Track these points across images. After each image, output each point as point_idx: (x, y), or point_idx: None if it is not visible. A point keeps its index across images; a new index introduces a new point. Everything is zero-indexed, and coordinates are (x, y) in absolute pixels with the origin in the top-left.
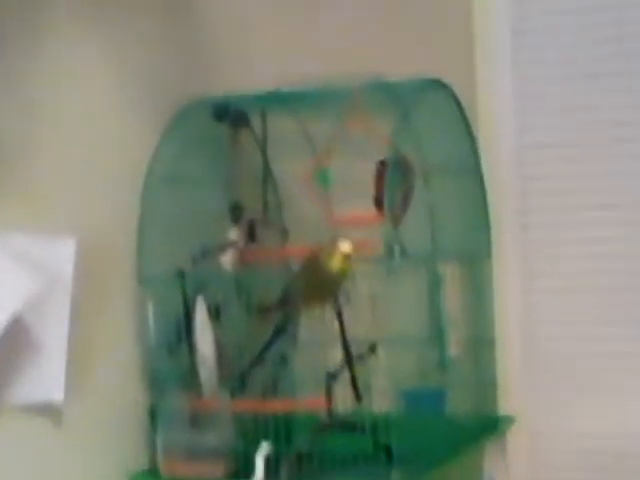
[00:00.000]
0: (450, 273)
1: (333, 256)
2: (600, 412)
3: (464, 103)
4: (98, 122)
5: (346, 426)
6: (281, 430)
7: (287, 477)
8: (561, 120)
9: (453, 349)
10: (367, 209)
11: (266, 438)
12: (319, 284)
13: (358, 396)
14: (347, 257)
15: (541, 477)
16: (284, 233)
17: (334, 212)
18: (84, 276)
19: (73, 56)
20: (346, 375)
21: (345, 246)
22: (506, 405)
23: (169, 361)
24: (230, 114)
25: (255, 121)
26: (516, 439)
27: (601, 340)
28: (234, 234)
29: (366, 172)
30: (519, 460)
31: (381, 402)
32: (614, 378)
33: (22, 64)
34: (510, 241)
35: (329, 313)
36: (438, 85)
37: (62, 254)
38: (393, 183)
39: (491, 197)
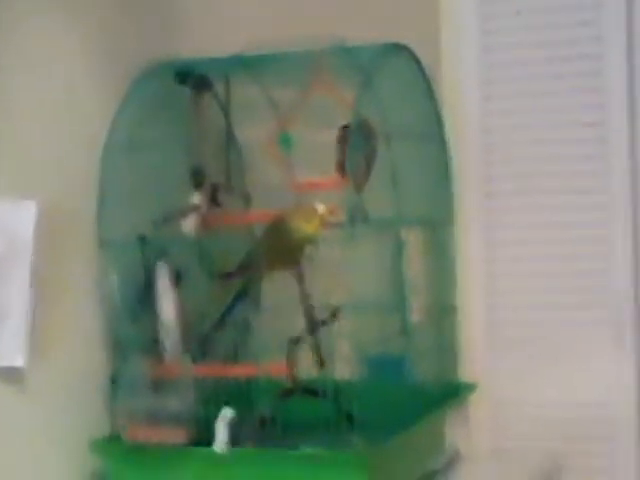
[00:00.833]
0: (413, 239)
1: (310, 218)
2: (562, 380)
3: (428, 68)
4: (57, 84)
5: (308, 392)
6: (243, 395)
7: (249, 442)
8: (527, 87)
9: (415, 315)
10: (330, 175)
11: (228, 403)
12: (285, 248)
13: (321, 362)
14: (322, 219)
15: (503, 445)
16: (246, 198)
17: (297, 177)
18: (45, 240)
19: (29, 19)
20: (309, 341)
21: (321, 208)
22: (468, 372)
23: (131, 326)
24: (192, 77)
25: (218, 85)
26: (478, 407)
27: (563, 309)
28: (196, 199)
29: (329, 137)
30: (481, 427)
31: (343, 368)
32: (576, 346)
33: None
34: (473, 208)
35: (292, 278)
36: (401, 49)
37: (22, 218)
38: (356, 148)
39: (455, 163)
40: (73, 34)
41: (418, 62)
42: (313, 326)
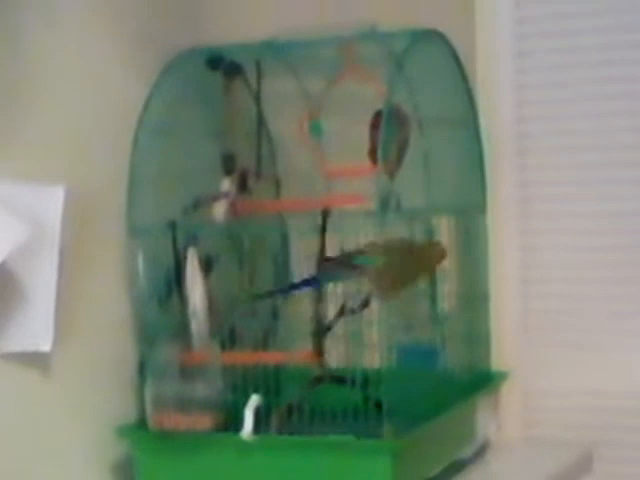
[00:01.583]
0: (445, 227)
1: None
2: (594, 370)
3: (463, 55)
4: (88, 71)
5: (337, 379)
6: (271, 383)
7: (276, 430)
8: (562, 76)
9: (447, 304)
10: (362, 161)
11: (256, 391)
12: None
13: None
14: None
15: (533, 434)
16: (277, 185)
17: (328, 164)
18: (73, 225)
19: (60, 5)
20: (340, 328)
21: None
22: (500, 361)
23: (159, 313)
24: (224, 63)
25: (249, 72)
26: (509, 395)
27: (597, 298)
28: (226, 185)
29: (360, 124)
30: (512, 416)
31: (373, 356)
32: (608, 336)
33: (8, 14)
34: (507, 197)
35: None
36: (434, 35)
37: (50, 202)
38: (388, 134)
39: (489, 152)
40: (104, 18)
41: (452, 48)
42: (343, 314)
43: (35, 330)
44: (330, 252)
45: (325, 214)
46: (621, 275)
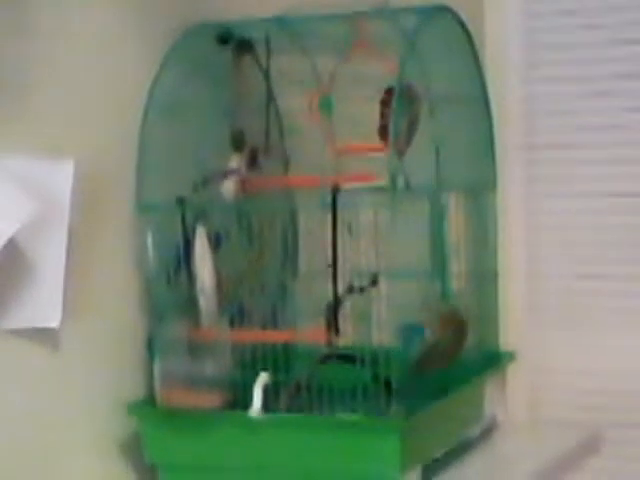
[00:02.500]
0: (454, 205)
1: None
2: (601, 350)
3: (471, 31)
4: (97, 46)
5: (345, 358)
6: (280, 360)
7: (285, 407)
8: (572, 54)
9: (456, 282)
10: (371, 139)
11: (265, 368)
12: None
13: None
14: None
15: (540, 414)
16: (286, 162)
17: (337, 141)
18: (82, 201)
19: None
20: (348, 306)
21: None
22: (508, 341)
23: (168, 289)
24: (233, 39)
25: (259, 48)
26: (517, 375)
27: (604, 278)
28: (235, 162)
29: (370, 101)
30: (519, 396)
31: (382, 335)
32: (616, 316)
33: None
34: (516, 175)
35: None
36: (445, 11)
37: (60, 177)
38: (399, 112)
39: (497, 129)
40: None
41: (463, 25)
42: (351, 292)
43: (44, 306)
44: (340, 230)
45: (335, 192)
46: (630, 254)
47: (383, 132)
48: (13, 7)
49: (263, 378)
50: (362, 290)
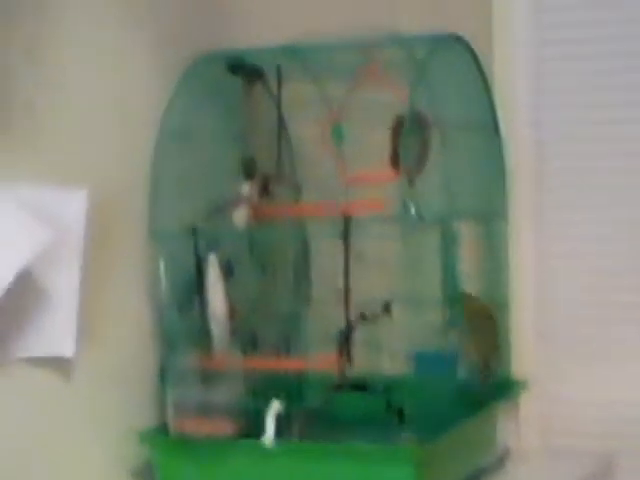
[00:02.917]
0: (465, 233)
1: None
2: (614, 379)
3: (482, 60)
4: (111, 74)
5: (358, 386)
6: (293, 388)
7: (298, 436)
8: (581, 81)
9: None
10: (382, 167)
11: (277, 396)
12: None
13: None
14: None
15: (553, 443)
16: (297, 190)
17: (348, 169)
18: (95, 230)
19: (84, 11)
20: (360, 334)
21: None
22: (520, 369)
23: (180, 318)
24: (245, 67)
25: (270, 76)
26: (529, 404)
27: (617, 306)
28: (247, 190)
29: (381, 129)
30: (532, 425)
31: (394, 363)
32: (628, 345)
33: (31, 13)
34: (526, 203)
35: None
36: (456, 40)
37: (73, 206)
38: (409, 140)
39: (508, 157)
40: (126, 23)
41: (473, 53)
42: (363, 320)
43: (58, 335)
44: (352, 258)
45: (347, 220)
46: None
47: (394, 160)
48: (27, 37)
49: (275, 406)
50: (374, 318)
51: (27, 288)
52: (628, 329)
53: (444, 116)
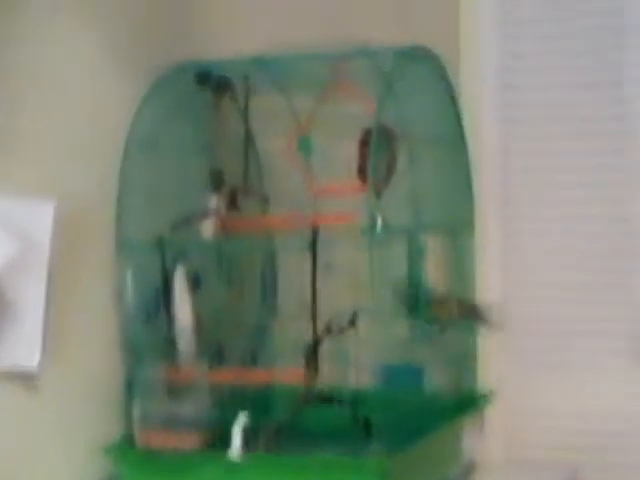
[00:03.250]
0: (432, 245)
1: None
2: (579, 391)
3: (448, 71)
4: (77, 86)
5: (326, 399)
6: (260, 401)
7: (265, 449)
8: (547, 95)
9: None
10: (350, 179)
11: (244, 409)
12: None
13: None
14: None
15: (519, 455)
16: (265, 202)
17: (316, 182)
18: (62, 241)
19: (53, 21)
20: (327, 347)
21: None
22: (485, 382)
23: (146, 330)
24: (213, 79)
25: (238, 87)
26: (494, 416)
27: (581, 319)
28: (214, 202)
29: (349, 142)
30: (497, 437)
31: (361, 376)
32: (595, 357)
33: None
34: (492, 215)
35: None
36: (423, 52)
37: (40, 218)
38: (377, 152)
39: (474, 170)
40: (94, 34)
41: (440, 66)
42: (329, 333)
43: (23, 346)
44: (319, 270)
45: (314, 232)
46: (612, 296)
47: (362, 172)
48: None
49: (242, 419)
50: (341, 330)
51: None
52: (596, 342)
53: (411, 129)
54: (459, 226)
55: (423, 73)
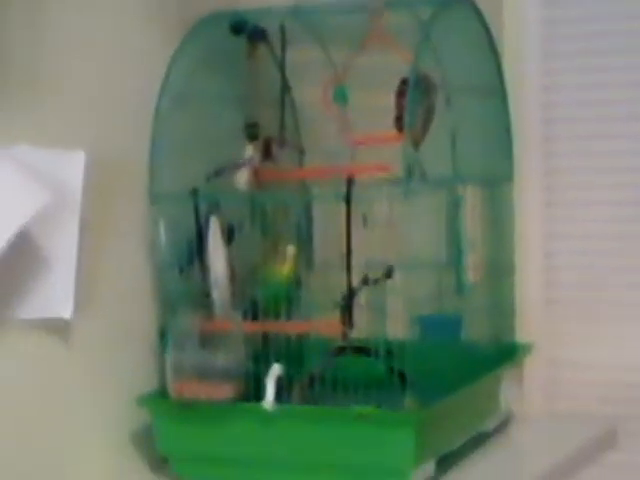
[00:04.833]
0: (470, 197)
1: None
2: (619, 343)
3: (490, 22)
4: (109, 35)
5: (360, 350)
6: (293, 353)
7: (298, 400)
8: (591, 44)
9: (472, 274)
10: (387, 130)
11: (278, 360)
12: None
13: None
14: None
15: (557, 407)
16: (301, 153)
17: (352, 132)
18: (94, 192)
19: None
20: (361, 299)
21: (291, 249)
22: (524, 333)
23: (180, 281)
24: (247, 28)
25: (273, 37)
26: (533, 368)
27: (622, 271)
28: (249, 152)
29: (387, 92)
30: (536, 389)
31: (396, 327)
32: (634, 309)
33: None
34: (533, 167)
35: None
36: (462, 2)
37: (71, 167)
38: (414, 103)
39: (515, 120)
40: None
41: (480, 15)
42: (366, 283)
43: (56, 297)
44: (354, 222)
45: (350, 183)
46: None
47: (399, 122)
48: (23, 2)
49: (276, 370)
50: (377, 282)
51: (25, 249)
52: (633, 293)
53: (450, 78)
54: (499, 177)
55: (462, 22)
